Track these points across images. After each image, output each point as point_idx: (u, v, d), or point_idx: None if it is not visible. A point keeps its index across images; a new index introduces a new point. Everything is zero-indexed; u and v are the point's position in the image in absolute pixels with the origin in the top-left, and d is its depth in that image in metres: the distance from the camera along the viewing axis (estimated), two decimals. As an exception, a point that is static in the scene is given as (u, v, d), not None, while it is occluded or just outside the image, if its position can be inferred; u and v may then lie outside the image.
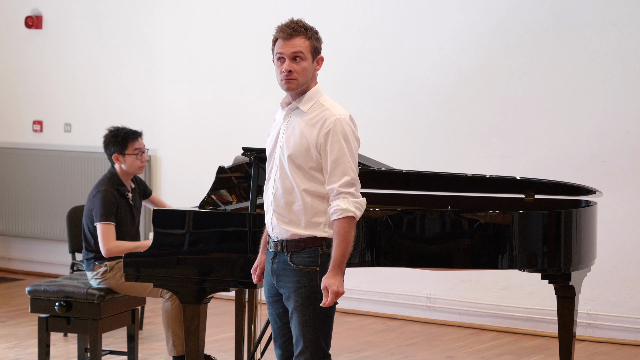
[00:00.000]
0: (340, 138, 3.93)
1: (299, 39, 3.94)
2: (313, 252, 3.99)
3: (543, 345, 6.96)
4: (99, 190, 5.79)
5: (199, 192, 5.81)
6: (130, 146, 5.89)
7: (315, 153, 3.95)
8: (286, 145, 3.99)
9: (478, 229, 5.03)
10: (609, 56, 6.98)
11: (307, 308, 3.97)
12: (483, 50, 7.38)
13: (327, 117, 3.95)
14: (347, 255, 3.91)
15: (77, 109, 9.09)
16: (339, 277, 3.89)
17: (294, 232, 3.99)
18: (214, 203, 5.27)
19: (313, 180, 3.98)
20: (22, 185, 9.21)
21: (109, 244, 5.69)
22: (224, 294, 5.38)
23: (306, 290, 3.97)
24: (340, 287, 3.88)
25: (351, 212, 3.90)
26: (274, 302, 4.11)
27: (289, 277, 4.00)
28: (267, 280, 4.13)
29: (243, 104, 8.32)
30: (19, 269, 9.36)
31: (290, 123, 4.02)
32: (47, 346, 5.71)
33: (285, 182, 4.00)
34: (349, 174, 3.93)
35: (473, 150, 7.42)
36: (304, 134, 3.96)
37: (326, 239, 3.99)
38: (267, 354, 5.88)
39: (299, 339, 3.99)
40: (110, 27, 8.89)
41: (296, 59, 3.94)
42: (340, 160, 3.93)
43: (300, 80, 3.96)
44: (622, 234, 6.96)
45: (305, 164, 3.97)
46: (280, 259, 4.03)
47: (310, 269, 3.98)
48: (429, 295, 7.62)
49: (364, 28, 7.81)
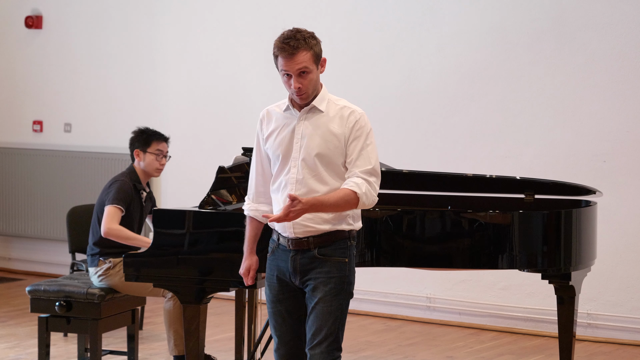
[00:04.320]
0: (365, 132, 4.04)
1: (301, 53, 3.96)
2: (342, 244, 4.07)
3: (543, 345, 6.96)
4: (117, 180, 5.85)
5: (199, 192, 5.81)
6: (154, 145, 5.93)
7: (344, 148, 4.04)
8: (312, 146, 4.03)
9: (478, 229, 5.03)
10: (609, 56, 6.98)
11: (334, 298, 4.02)
12: (483, 50, 7.38)
13: (351, 112, 4.05)
14: (326, 208, 3.96)
15: (77, 109, 9.09)
16: (304, 211, 3.91)
17: (322, 228, 4.05)
18: (214, 203, 5.27)
19: (341, 176, 4.06)
20: (22, 185, 9.21)
21: (110, 224, 5.69)
22: (224, 294, 5.37)
23: (335, 280, 4.04)
24: (296, 217, 3.91)
25: (360, 192, 3.96)
26: (285, 299, 4.13)
27: (318, 268, 4.05)
28: (275, 278, 4.14)
29: (243, 104, 8.32)
30: (19, 269, 9.35)
31: (309, 123, 4.06)
32: (47, 346, 5.70)
33: (314, 180, 4.03)
34: (372, 163, 4.03)
35: (473, 150, 7.42)
36: (331, 131, 4.03)
37: (352, 231, 4.10)
38: (267, 354, 5.88)
39: (320, 328, 4.01)
40: (110, 27, 8.90)
41: (302, 73, 3.98)
42: (365, 151, 4.02)
43: (310, 92, 4.03)
44: (622, 234, 6.96)
45: (336, 160, 4.04)
46: (305, 254, 4.06)
47: (340, 260, 4.06)
48: (429, 295, 7.62)
49: (364, 28, 7.80)
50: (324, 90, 4.09)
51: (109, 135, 8.88)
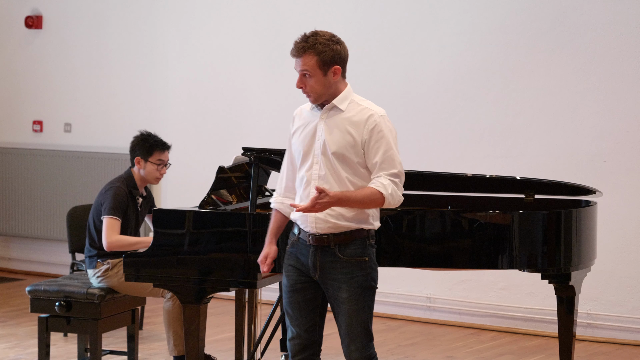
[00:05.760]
0: (386, 134, 4.11)
1: (306, 56, 4.10)
2: (361, 243, 4.15)
3: (543, 345, 6.96)
4: (112, 186, 5.83)
5: (199, 192, 5.80)
6: (155, 155, 5.91)
7: (360, 149, 4.10)
8: (329, 143, 4.11)
9: (478, 229, 5.03)
10: (609, 56, 6.98)
11: (359, 297, 4.13)
12: (483, 50, 7.38)
13: (370, 115, 4.12)
14: (352, 204, 4.04)
15: (77, 109, 9.09)
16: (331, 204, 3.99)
17: (342, 225, 4.12)
18: (214, 203, 5.27)
19: (359, 175, 4.12)
20: (22, 185, 9.21)
21: (111, 237, 5.69)
22: (224, 294, 5.38)
23: (358, 280, 4.13)
24: (322, 209, 3.99)
25: (386, 193, 4.04)
26: (303, 289, 4.21)
27: (340, 268, 4.13)
28: (295, 267, 4.22)
29: (243, 103, 8.32)
30: (19, 269, 9.35)
31: (329, 122, 4.15)
32: (47, 346, 5.70)
33: (333, 178, 4.11)
34: (397, 167, 4.11)
35: (473, 150, 7.42)
36: (348, 131, 4.11)
37: (371, 230, 4.17)
38: (267, 354, 5.89)
39: (350, 327, 4.14)
40: (111, 27, 8.89)
41: (305, 75, 4.12)
42: (388, 154, 4.09)
43: (314, 95, 4.15)
44: (622, 234, 6.96)
45: (352, 159, 4.10)
46: (326, 252, 4.14)
47: (360, 260, 4.14)
48: (429, 295, 7.62)
49: (364, 28, 7.80)
50: (348, 90, 4.20)
51: (109, 135, 8.88)
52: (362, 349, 4.15)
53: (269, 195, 5.92)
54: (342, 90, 4.18)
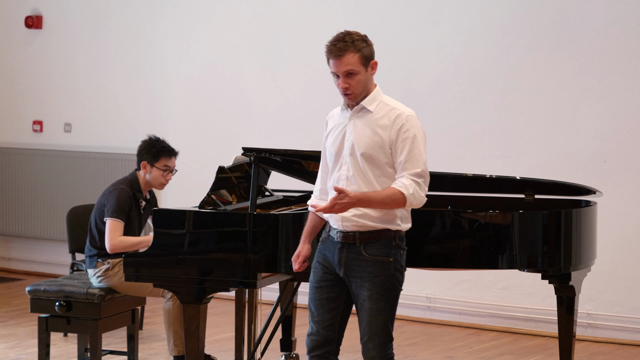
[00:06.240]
0: (413, 134, 4.15)
1: (348, 55, 4.15)
2: (387, 243, 4.19)
3: (543, 345, 6.96)
4: (116, 187, 5.83)
5: (199, 192, 5.81)
6: (162, 161, 5.91)
7: (388, 149, 4.14)
8: (358, 144, 4.15)
9: (478, 229, 5.03)
10: (609, 56, 6.98)
11: (381, 296, 4.17)
12: (483, 50, 7.38)
13: (398, 115, 4.17)
14: (373, 204, 4.08)
15: (77, 109, 9.09)
16: (351, 205, 4.03)
17: (369, 225, 4.17)
18: (214, 203, 5.27)
19: (387, 176, 4.17)
20: (22, 185, 9.21)
21: (114, 239, 5.70)
22: (224, 294, 5.38)
23: (381, 280, 4.17)
24: (342, 210, 4.03)
25: (408, 193, 4.07)
26: (327, 287, 4.27)
27: (363, 267, 4.18)
28: (321, 264, 4.27)
29: (243, 103, 8.32)
30: (19, 269, 9.35)
31: (358, 123, 4.20)
32: (47, 346, 5.70)
33: (361, 179, 4.16)
34: (420, 166, 4.13)
35: (473, 150, 7.42)
36: (376, 131, 4.15)
37: (399, 231, 4.21)
38: (267, 354, 5.89)
39: (370, 325, 4.19)
40: (111, 27, 8.90)
41: (349, 74, 4.14)
42: (413, 153, 4.13)
43: (357, 93, 4.17)
44: (622, 234, 6.96)
45: (381, 160, 4.15)
46: (351, 249, 4.19)
47: (385, 260, 4.18)
48: (429, 295, 7.62)
49: (364, 28, 7.74)
50: (377, 90, 4.24)
51: (109, 135, 8.88)
52: (380, 348, 4.20)
53: (269, 195, 5.93)
54: (372, 90, 4.23)
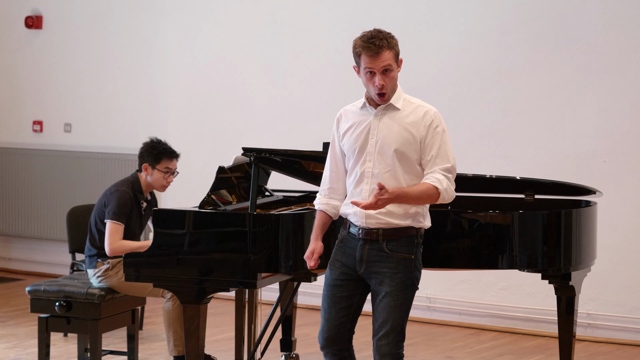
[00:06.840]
0: (441, 130, 4.21)
1: (385, 52, 4.17)
2: (409, 241, 4.22)
3: (543, 345, 6.96)
4: (118, 189, 5.83)
5: (199, 192, 5.80)
6: (163, 163, 5.92)
7: (418, 145, 4.18)
8: (389, 141, 4.17)
9: (478, 229, 5.04)
10: (609, 56, 6.98)
11: (401, 293, 4.21)
12: (483, 50, 7.38)
13: (426, 112, 4.21)
14: (410, 200, 4.11)
15: (77, 109, 9.09)
16: (390, 201, 4.04)
17: (392, 222, 4.19)
18: (214, 203, 5.26)
19: (414, 172, 4.21)
20: (22, 185, 9.21)
21: (114, 243, 5.71)
22: (224, 294, 5.37)
23: (401, 277, 4.20)
24: (383, 205, 4.05)
25: (442, 188, 4.12)
26: (342, 285, 4.28)
27: (385, 263, 4.20)
28: (340, 262, 4.28)
29: (243, 103, 8.32)
30: (19, 269, 9.35)
31: (386, 120, 4.22)
32: (47, 346, 5.71)
33: (388, 175, 4.18)
34: (450, 162, 4.21)
35: (473, 150, 7.41)
36: (407, 128, 4.18)
37: (420, 229, 4.24)
38: (267, 354, 5.89)
39: (386, 321, 4.20)
40: (110, 27, 8.89)
41: (386, 71, 4.14)
42: (443, 148, 4.20)
43: (389, 91, 4.19)
44: (622, 234, 6.96)
45: (411, 156, 4.19)
46: (374, 246, 4.21)
47: (407, 257, 4.21)
48: (429, 295, 7.62)
49: (364, 28, 7.75)
50: (400, 89, 4.26)
51: (109, 135, 8.88)
52: (394, 345, 4.21)
53: (269, 195, 5.92)
54: (396, 87, 4.25)
